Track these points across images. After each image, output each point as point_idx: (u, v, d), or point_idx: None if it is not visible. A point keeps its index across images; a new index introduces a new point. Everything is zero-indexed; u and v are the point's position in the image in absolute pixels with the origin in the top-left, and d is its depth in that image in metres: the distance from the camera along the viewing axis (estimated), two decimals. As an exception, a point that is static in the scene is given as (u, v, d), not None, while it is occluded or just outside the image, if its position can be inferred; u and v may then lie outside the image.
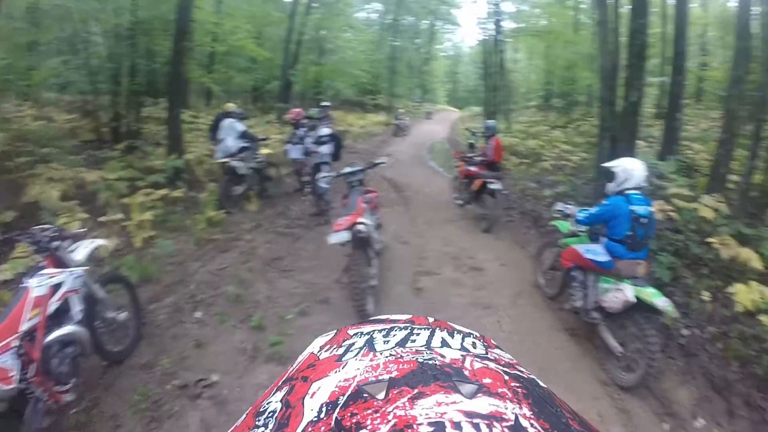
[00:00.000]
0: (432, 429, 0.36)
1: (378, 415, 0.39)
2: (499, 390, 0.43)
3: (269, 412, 0.46)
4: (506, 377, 0.47)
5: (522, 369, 0.52)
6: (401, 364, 0.47)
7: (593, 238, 4.60)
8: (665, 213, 5.69)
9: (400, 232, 7.29)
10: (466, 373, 0.46)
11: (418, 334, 0.57)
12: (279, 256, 6.15)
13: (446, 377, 0.44)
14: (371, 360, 0.50)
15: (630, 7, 7.97)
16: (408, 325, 0.61)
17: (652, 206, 4.19)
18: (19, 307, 2.76)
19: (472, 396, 0.41)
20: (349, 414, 0.40)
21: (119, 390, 3.58)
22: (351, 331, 0.61)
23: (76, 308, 3.20)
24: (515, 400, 0.42)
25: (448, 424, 0.36)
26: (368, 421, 0.38)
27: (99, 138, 10.00)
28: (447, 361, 0.49)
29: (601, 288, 4.31)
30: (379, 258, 5.42)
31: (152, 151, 9.18)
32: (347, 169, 5.56)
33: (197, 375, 3.74)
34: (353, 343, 0.56)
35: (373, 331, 0.59)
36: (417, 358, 0.49)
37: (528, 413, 0.40)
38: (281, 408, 0.46)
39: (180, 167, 8.08)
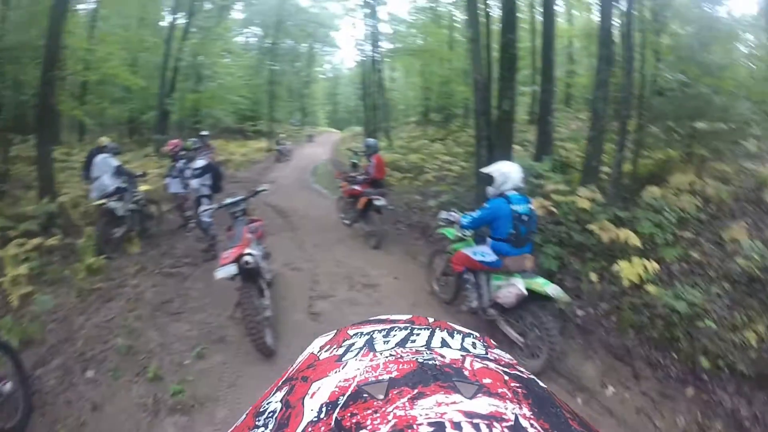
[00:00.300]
0: (432, 429, 0.36)
1: (378, 415, 0.39)
2: (499, 390, 0.44)
3: (269, 412, 0.46)
4: (506, 377, 0.47)
5: (522, 369, 0.52)
6: (401, 365, 0.48)
7: (479, 240, 4.80)
8: (545, 208, 6.04)
9: (289, 258, 7.17)
10: (466, 373, 0.47)
11: (418, 335, 0.57)
12: (168, 299, 5.80)
13: (446, 377, 0.45)
14: (371, 360, 0.50)
15: (500, 24, 8.50)
16: (408, 325, 0.61)
17: (531, 203, 4.46)
18: None
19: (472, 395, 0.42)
20: (349, 414, 0.40)
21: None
22: (351, 331, 0.61)
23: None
24: (515, 400, 0.42)
25: (448, 425, 0.36)
26: (368, 422, 0.38)
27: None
28: (447, 361, 0.49)
29: (494, 286, 4.51)
30: (271, 288, 5.30)
31: (23, 195, 8.47)
32: (228, 200, 5.36)
33: (98, 441, 3.45)
34: (353, 343, 0.56)
35: (373, 331, 0.60)
36: (417, 359, 0.49)
37: (528, 413, 0.40)
38: (281, 408, 0.46)
39: (54, 212, 7.50)
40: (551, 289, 4.05)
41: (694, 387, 4.03)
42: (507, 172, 4.37)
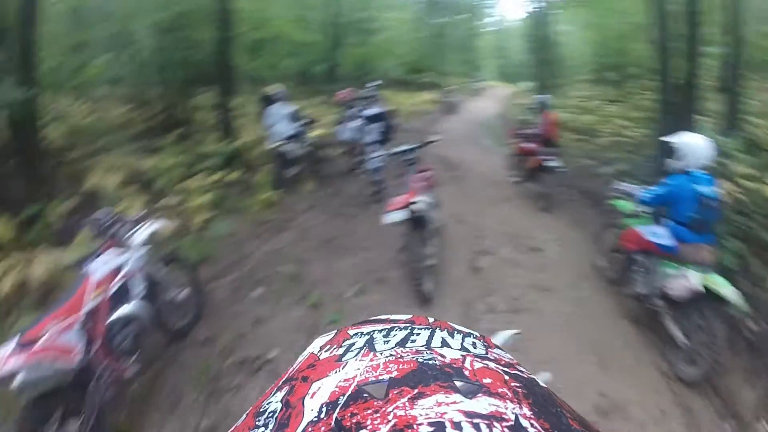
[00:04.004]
0: (432, 429, 0.36)
1: (378, 415, 0.39)
2: (500, 390, 0.44)
3: (269, 412, 0.47)
4: (506, 377, 0.48)
5: (522, 369, 0.53)
6: (401, 364, 0.48)
7: (655, 219, 4.34)
8: (732, 195, 5.31)
9: (455, 210, 7.09)
10: (467, 373, 0.47)
11: (418, 334, 0.58)
12: (334, 236, 6.11)
13: (446, 377, 0.45)
14: (371, 360, 0.51)
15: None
16: (408, 325, 0.62)
17: (717, 186, 3.90)
18: (82, 288, 2.91)
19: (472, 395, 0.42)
20: (349, 414, 0.40)
21: (180, 364, 3.71)
22: (351, 331, 0.62)
23: (138, 288, 3.35)
24: (515, 400, 0.42)
25: (448, 424, 0.36)
26: (368, 421, 0.38)
27: (152, 128, 9.98)
28: (447, 361, 0.50)
29: (665, 273, 4.05)
30: (437, 237, 5.31)
31: (204, 138, 9.26)
32: (401, 148, 5.39)
33: (256, 351, 3.82)
34: (353, 343, 0.57)
35: (373, 331, 0.61)
36: (417, 358, 0.50)
37: (528, 413, 0.40)
38: (281, 408, 0.47)
39: (233, 152, 8.19)
40: (730, 291, 3.53)
41: None
42: (694, 146, 3.83)
